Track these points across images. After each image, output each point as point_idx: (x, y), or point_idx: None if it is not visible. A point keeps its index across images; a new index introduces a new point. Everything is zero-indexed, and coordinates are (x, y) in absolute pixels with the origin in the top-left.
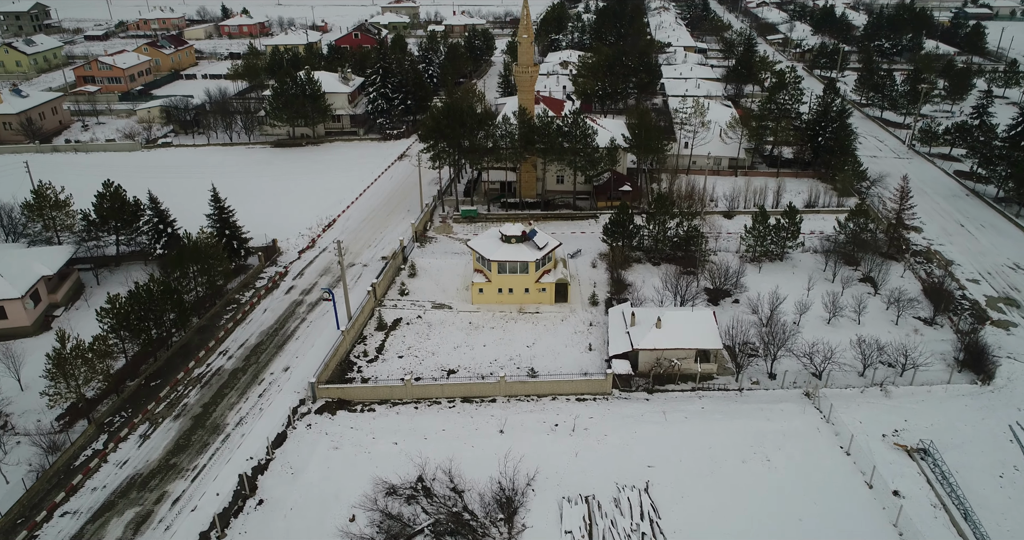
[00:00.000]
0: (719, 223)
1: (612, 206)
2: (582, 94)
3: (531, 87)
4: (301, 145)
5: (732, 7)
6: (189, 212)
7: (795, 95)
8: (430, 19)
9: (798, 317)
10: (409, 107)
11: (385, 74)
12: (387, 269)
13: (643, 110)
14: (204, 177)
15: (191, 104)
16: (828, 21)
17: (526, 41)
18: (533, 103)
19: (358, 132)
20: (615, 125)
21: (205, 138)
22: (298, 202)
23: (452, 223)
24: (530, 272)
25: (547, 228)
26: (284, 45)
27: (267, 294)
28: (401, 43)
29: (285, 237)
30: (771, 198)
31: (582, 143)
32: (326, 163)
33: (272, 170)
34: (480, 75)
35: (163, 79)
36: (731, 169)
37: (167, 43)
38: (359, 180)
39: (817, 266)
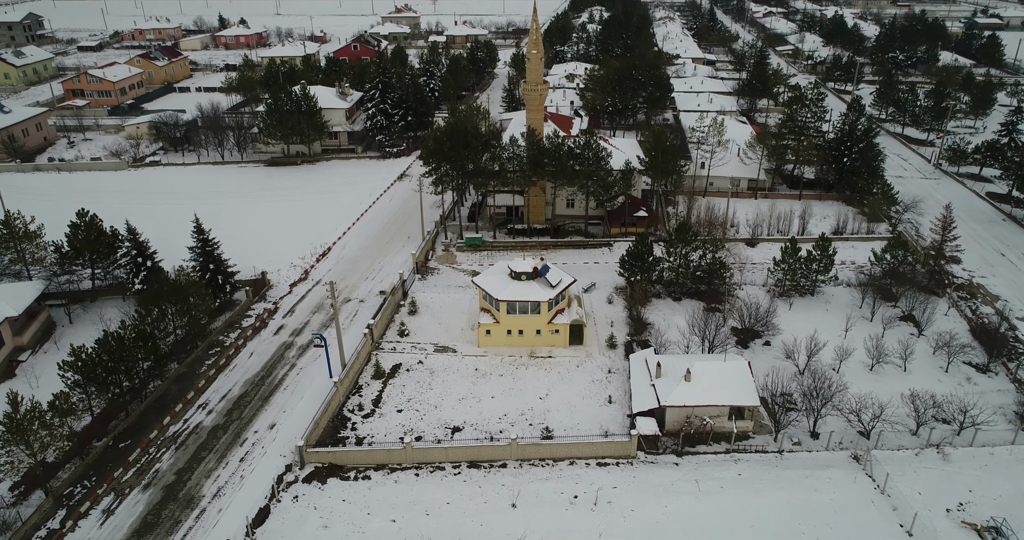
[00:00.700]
0: (742, 252)
1: (627, 233)
2: (591, 110)
3: (540, 106)
4: (296, 163)
5: (738, 17)
6: (174, 240)
7: (817, 113)
8: (431, 29)
9: (838, 363)
10: (409, 123)
11: (384, 89)
12: (385, 307)
13: (659, 131)
14: (192, 200)
15: (181, 120)
16: (839, 32)
17: (535, 57)
18: (542, 123)
19: (356, 150)
20: (628, 145)
21: (196, 156)
22: (291, 228)
23: (455, 252)
24: (542, 312)
25: (558, 258)
26: (281, 57)
27: (254, 335)
28: (401, 55)
29: (276, 268)
30: (796, 224)
31: (595, 166)
32: (322, 183)
33: (265, 191)
34: (483, 88)
35: (155, 92)
36: (750, 191)
37: (160, 55)
38: (357, 202)
39: (852, 302)
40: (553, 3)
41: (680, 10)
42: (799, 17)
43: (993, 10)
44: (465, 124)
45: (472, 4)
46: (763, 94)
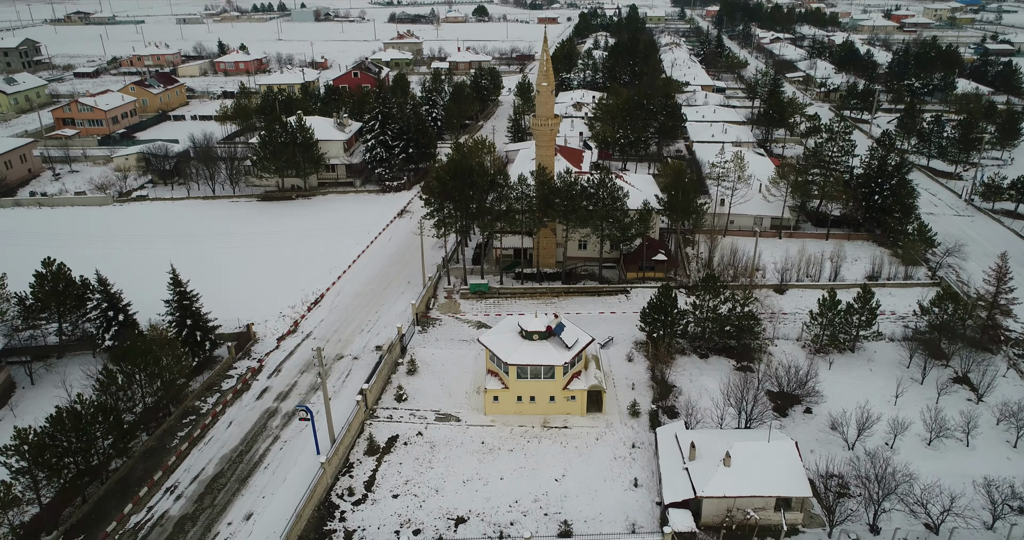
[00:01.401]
0: (771, 300)
1: (644, 278)
2: (601, 141)
3: (551, 142)
4: (291, 198)
5: (744, 43)
6: (153, 287)
7: (844, 146)
8: (434, 55)
9: (892, 438)
10: (411, 156)
11: (384, 120)
12: (381, 367)
13: (679, 168)
14: (177, 239)
15: (171, 151)
16: (852, 59)
17: (545, 90)
18: (553, 159)
19: (354, 183)
20: (644, 182)
21: (185, 190)
22: (282, 271)
23: (459, 299)
24: (557, 377)
25: (570, 307)
26: (279, 85)
27: (234, 399)
28: (403, 82)
29: (264, 319)
30: (828, 268)
31: (610, 207)
32: (317, 220)
33: (256, 229)
34: (487, 116)
35: (149, 121)
36: (774, 230)
37: (155, 82)
38: (354, 242)
39: (898, 360)
40: (556, 29)
41: (685, 35)
42: (807, 43)
43: (1003, 36)
44: (470, 160)
45: (475, 30)
46: (779, 124)
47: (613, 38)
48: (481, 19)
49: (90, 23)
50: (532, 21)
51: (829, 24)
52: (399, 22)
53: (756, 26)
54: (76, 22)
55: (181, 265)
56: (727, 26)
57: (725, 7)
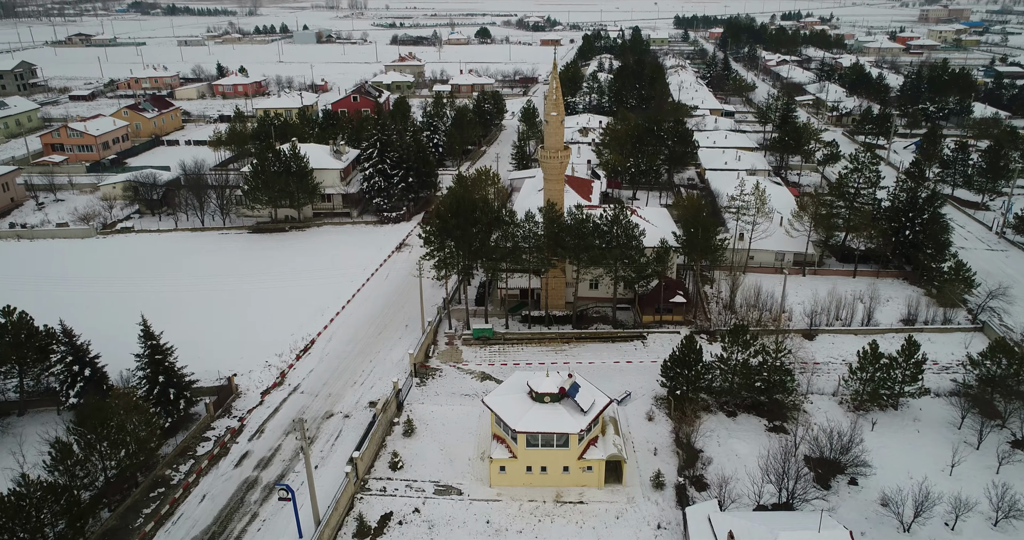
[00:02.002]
0: (800, 347)
1: (662, 321)
2: (610, 170)
3: (560, 175)
4: (284, 229)
5: (750, 65)
6: (131, 331)
7: (871, 177)
8: (435, 78)
9: (953, 518)
10: (410, 185)
11: (383, 147)
12: (375, 430)
13: (696, 204)
14: (160, 276)
15: (159, 179)
16: (863, 82)
17: (555, 120)
18: (563, 194)
19: (351, 213)
20: (658, 216)
21: (173, 221)
22: (271, 312)
23: (461, 345)
24: (571, 446)
25: (582, 355)
26: (275, 109)
27: (210, 467)
28: (403, 106)
29: (248, 368)
30: (860, 311)
31: (625, 246)
32: (311, 254)
33: (245, 264)
34: (490, 141)
35: (141, 146)
36: (797, 266)
37: (150, 106)
38: (348, 279)
39: (947, 419)
40: (559, 51)
41: (690, 58)
42: (814, 65)
43: (1012, 58)
44: (472, 193)
45: (478, 52)
46: (794, 151)
47: (617, 60)
48: (484, 41)
49: (91, 45)
50: (535, 43)
51: (834, 46)
52: (401, 44)
53: (761, 48)
54: (77, 44)
55: (161, 307)
56: (731, 48)
57: (729, 29)
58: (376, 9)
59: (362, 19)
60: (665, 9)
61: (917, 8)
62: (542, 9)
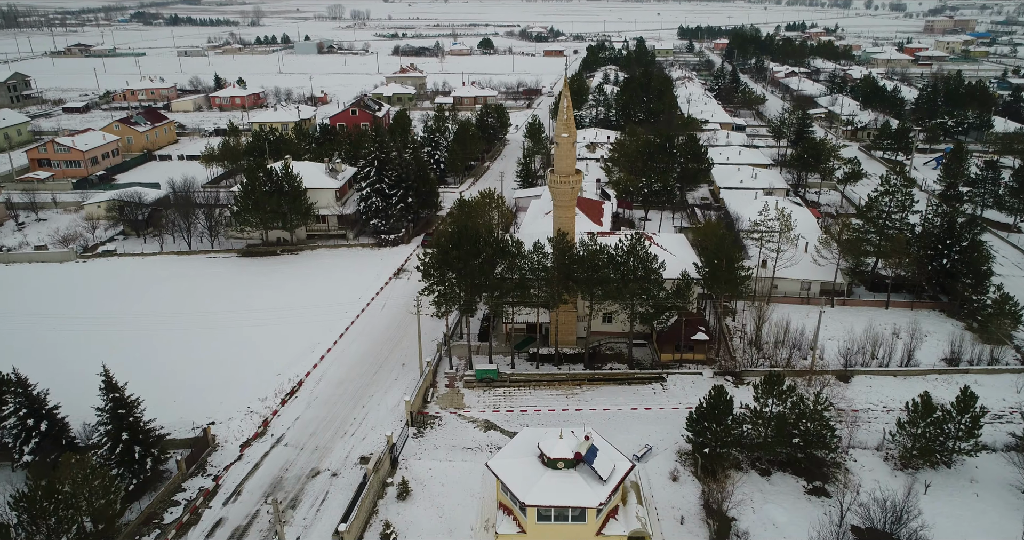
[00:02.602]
0: (836, 391)
1: (682, 360)
2: (622, 190)
3: (572, 201)
4: (275, 253)
5: (758, 76)
6: (95, 379)
7: (903, 201)
8: (437, 90)
9: None
10: (410, 205)
11: (381, 165)
12: (365, 494)
13: (717, 230)
14: (138, 307)
15: (145, 198)
16: (877, 95)
17: (566, 142)
18: (574, 222)
19: (347, 235)
20: (675, 242)
21: (159, 243)
22: (257, 349)
23: (463, 388)
24: (588, 521)
25: (596, 400)
26: (271, 123)
27: (178, 538)
28: (404, 120)
29: (227, 416)
30: (899, 348)
31: (643, 279)
32: (303, 280)
33: (232, 293)
34: (494, 156)
35: (132, 161)
36: (824, 296)
37: (142, 119)
38: (342, 309)
39: (1008, 480)
40: (560, 63)
41: (696, 69)
42: (823, 77)
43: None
44: (475, 220)
45: (480, 63)
46: (813, 169)
47: (623, 72)
48: (486, 52)
49: (90, 56)
50: (538, 53)
51: (842, 57)
52: (403, 55)
53: (768, 60)
54: (76, 55)
55: (138, 342)
56: (737, 59)
57: (735, 40)
58: (379, 20)
59: (364, 30)
60: (668, 20)
61: (921, 19)
62: (545, 20)
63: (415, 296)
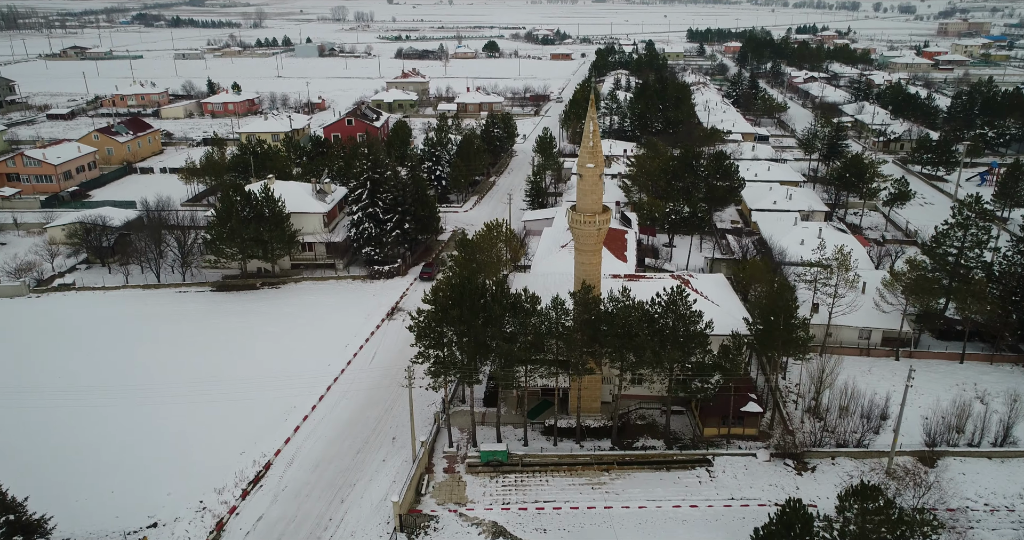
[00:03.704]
0: (920, 478)
1: (730, 435)
2: (647, 215)
3: (598, 245)
4: (254, 287)
5: (774, 82)
6: (26, 453)
7: (978, 237)
8: (441, 95)
9: None
10: (407, 232)
11: (375, 187)
12: None
13: (781, 283)
14: (88, 357)
15: (110, 222)
16: (908, 104)
17: (591, 174)
18: (599, 270)
19: (336, 265)
20: (715, 286)
21: (124, 274)
22: (220, 418)
23: (465, 474)
24: None
25: (628, 489)
26: (260, 134)
27: None
28: (404, 131)
29: (174, 516)
30: (994, 423)
31: (686, 340)
32: (283, 322)
33: (198, 339)
34: (500, 170)
35: (111, 175)
36: (887, 348)
37: (123, 128)
38: (325, 361)
39: None
40: (571, 66)
41: (709, 73)
42: (844, 82)
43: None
44: (482, 258)
45: (486, 66)
46: (854, 188)
47: (634, 77)
48: (492, 55)
49: (85, 58)
50: (545, 57)
51: (859, 62)
52: (406, 58)
53: (784, 64)
54: (71, 57)
55: (78, 410)
56: (751, 63)
57: (749, 44)
58: (382, 22)
59: (368, 32)
60: (676, 22)
61: (933, 22)
62: (551, 22)
63: (407, 367)
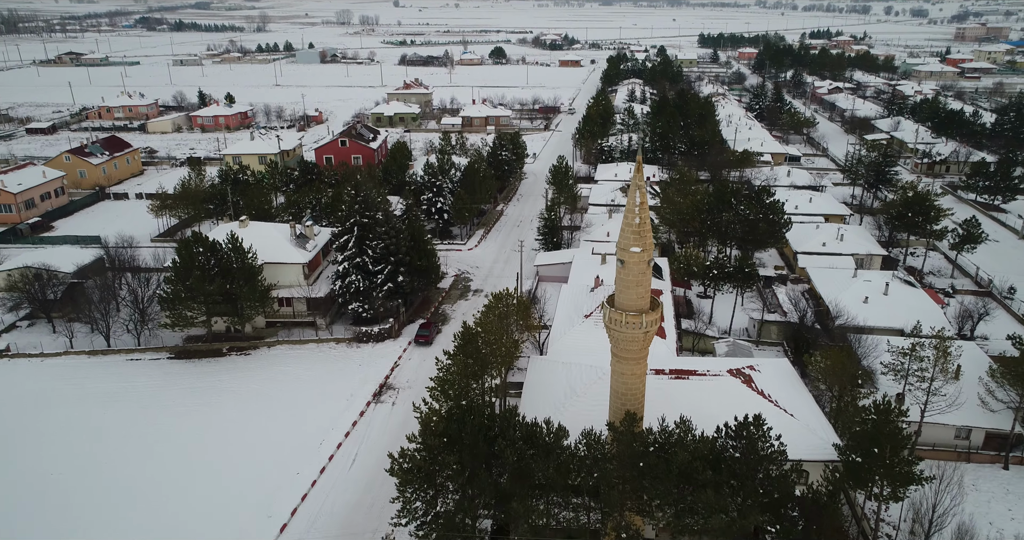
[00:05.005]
0: None
1: None
2: (682, 269)
3: (643, 353)
4: (221, 352)
5: (796, 92)
6: None
7: None
8: (445, 108)
9: None
10: (400, 285)
11: (364, 232)
12: None
13: (884, 408)
14: (6, 455)
15: (57, 270)
16: (955, 122)
17: (637, 260)
18: (643, 391)
19: (317, 323)
20: (779, 376)
21: (68, 336)
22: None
23: None
24: None
25: None
26: (247, 155)
27: None
28: (402, 155)
29: None
30: None
31: (760, 484)
32: (250, 405)
33: (142, 428)
34: (508, 197)
35: (82, 201)
36: (993, 452)
37: (98, 149)
38: (292, 469)
39: None
40: (580, 74)
41: (726, 83)
42: (869, 92)
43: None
44: (490, 344)
45: (492, 74)
46: (915, 228)
47: (648, 87)
48: (498, 62)
49: (80, 65)
50: (553, 63)
51: (882, 70)
52: (410, 64)
53: (805, 72)
54: (66, 63)
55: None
56: (769, 72)
57: (767, 51)
58: (388, 26)
59: (372, 36)
60: (685, 25)
61: (947, 25)
62: (558, 25)
63: (386, 536)
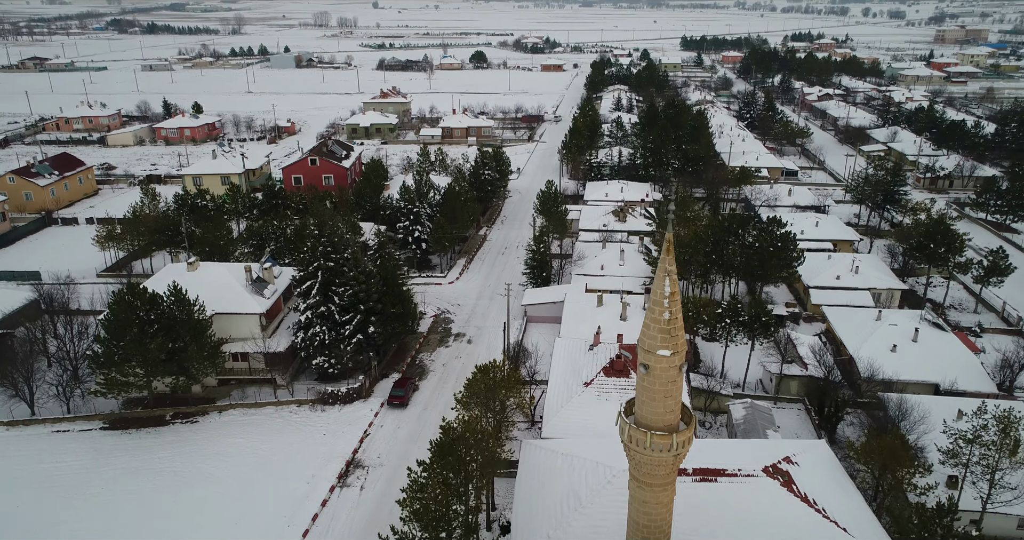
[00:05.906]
0: None
1: None
2: (692, 317)
3: (670, 478)
4: (163, 420)
5: (784, 98)
6: None
7: None
8: (424, 117)
9: None
10: (371, 336)
11: (329, 278)
12: None
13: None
14: None
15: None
16: (956, 133)
17: (666, 366)
18: (670, 514)
19: (276, 382)
20: (823, 476)
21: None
22: None
23: None
24: None
25: None
26: (207, 175)
27: None
28: (377, 175)
29: None
30: None
31: None
32: (192, 492)
33: (62, 524)
34: (491, 219)
35: (26, 227)
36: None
37: (46, 168)
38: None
39: None
40: (563, 78)
41: (712, 88)
42: (859, 98)
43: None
44: (475, 466)
45: (473, 79)
46: (937, 259)
47: (634, 93)
48: (479, 66)
49: (44, 70)
50: (535, 68)
51: (869, 74)
52: (388, 69)
53: (792, 77)
54: (29, 69)
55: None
56: (755, 77)
57: (752, 55)
58: (366, 28)
59: (350, 39)
60: (666, 27)
61: (925, 27)
62: (539, 28)
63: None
